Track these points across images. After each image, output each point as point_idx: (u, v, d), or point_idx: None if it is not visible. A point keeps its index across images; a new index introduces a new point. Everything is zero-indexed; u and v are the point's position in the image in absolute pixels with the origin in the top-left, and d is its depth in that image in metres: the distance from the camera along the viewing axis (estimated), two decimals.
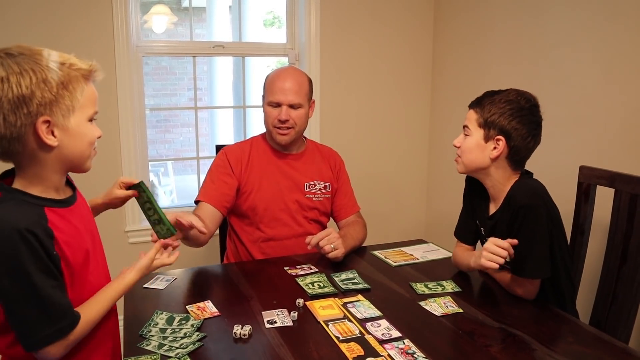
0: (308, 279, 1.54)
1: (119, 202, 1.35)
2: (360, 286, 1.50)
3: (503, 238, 1.46)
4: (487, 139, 1.46)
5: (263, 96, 1.88)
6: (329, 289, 1.47)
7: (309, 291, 1.46)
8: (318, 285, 1.50)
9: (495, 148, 1.45)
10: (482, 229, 1.60)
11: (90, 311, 1.06)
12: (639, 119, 1.86)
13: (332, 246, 1.61)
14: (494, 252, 1.35)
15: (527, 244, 1.39)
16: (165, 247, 1.25)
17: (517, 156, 1.46)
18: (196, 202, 1.81)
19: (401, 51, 2.99)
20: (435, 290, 1.49)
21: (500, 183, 1.49)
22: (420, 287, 1.50)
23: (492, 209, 1.55)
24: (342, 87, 2.90)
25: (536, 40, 2.30)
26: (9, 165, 1.02)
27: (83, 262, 1.06)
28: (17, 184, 0.99)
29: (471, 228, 1.65)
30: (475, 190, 1.61)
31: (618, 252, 1.61)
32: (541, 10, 2.27)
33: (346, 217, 1.97)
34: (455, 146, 1.55)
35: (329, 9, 2.78)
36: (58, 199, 1.03)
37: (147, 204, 1.28)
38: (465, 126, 1.51)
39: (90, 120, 1.01)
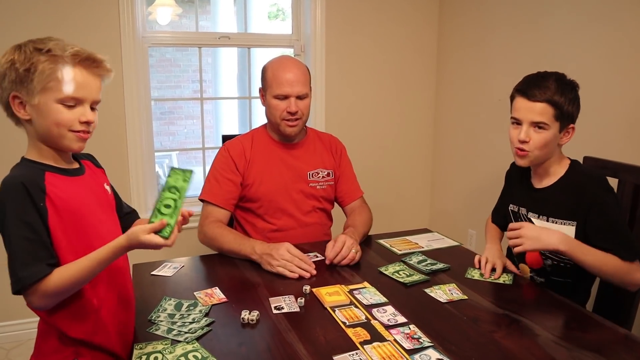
0: (390, 269, 1.55)
1: None
2: (440, 266, 1.57)
3: (552, 216, 1.49)
4: (562, 129, 1.45)
5: (264, 89, 1.86)
6: (418, 276, 1.49)
7: (403, 280, 1.46)
8: (404, 274, 1.51)
9: (566, 135, 1.46)
10: (521, 209, 1.59)
11: (72, 267, 1.04)
12: None
13: (354, 250, 1.61)
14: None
15: (615, 229, 1.41)
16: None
17: None
18: (201, 199, 1.83)
19: (406, 44, 3.00)
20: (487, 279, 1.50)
21: (555, 162, 1.51)
22: (472, 273, 1.54)
23: (539, 183, 1.55)
24: (347, 79, 2.91)
25: (540, 36, 2.30)
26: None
27: (86, 226, 1.10)
28: (26, 153, 1.10)
29: (502, 212, 1.70)
30: (515, 172, 1.64)
31: None
32: (544, 7, 2.27)
33: (351, 202, 1.98)
34: (520, 141, 1.45)
35: (334, 1, 2.78)
36: (58, 166, 1.10)
37: (174, 195, 1.14)
38: (539, 123, 1.41)
39: (62, 103, 1.04)
